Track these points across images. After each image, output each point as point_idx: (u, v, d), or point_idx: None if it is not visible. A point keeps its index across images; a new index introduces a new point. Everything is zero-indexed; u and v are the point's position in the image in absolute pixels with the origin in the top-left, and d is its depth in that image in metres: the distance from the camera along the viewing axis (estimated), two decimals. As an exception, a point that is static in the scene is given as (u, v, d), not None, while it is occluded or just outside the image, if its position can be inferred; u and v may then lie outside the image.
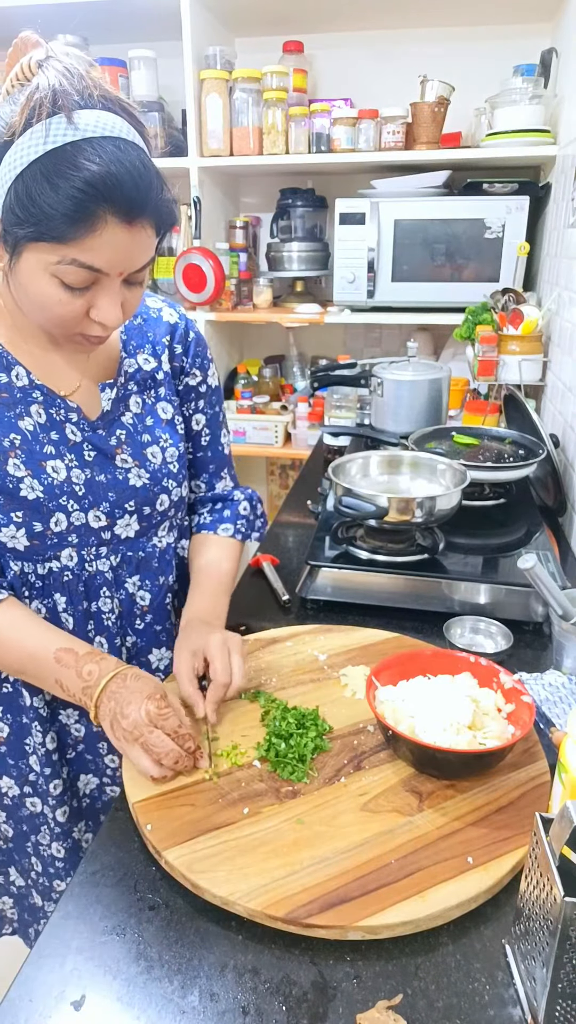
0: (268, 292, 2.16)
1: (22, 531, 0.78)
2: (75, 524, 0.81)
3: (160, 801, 0.68)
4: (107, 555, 0.85)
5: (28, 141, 0.62)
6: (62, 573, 0.83)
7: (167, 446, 0.88)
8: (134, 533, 0.86)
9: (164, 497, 0.87)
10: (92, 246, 0.64)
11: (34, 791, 0.90)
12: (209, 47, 1.91)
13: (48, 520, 0.79)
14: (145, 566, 0.89)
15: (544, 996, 0.49)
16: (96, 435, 0.82)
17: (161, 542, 0.90)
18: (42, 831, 0.92)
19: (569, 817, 0.47)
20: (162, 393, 0.89)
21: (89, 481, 0.81)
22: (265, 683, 0.85)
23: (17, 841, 0.94)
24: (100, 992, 0.53)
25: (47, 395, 0.79)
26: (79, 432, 0.81)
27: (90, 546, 0.83)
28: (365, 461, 1.20)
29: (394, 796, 0.68)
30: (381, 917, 0.56)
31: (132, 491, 0.84)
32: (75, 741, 0.90)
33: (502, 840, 0.63)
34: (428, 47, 2.01)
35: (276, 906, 0.57)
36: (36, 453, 0.78)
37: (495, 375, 1.59)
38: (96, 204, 0.62)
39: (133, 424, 0.85)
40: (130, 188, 0.63)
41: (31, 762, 0.88)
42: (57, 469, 0.79)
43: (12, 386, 0.78)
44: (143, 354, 0.87)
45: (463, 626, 0.96)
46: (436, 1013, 0.51)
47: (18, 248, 0.65)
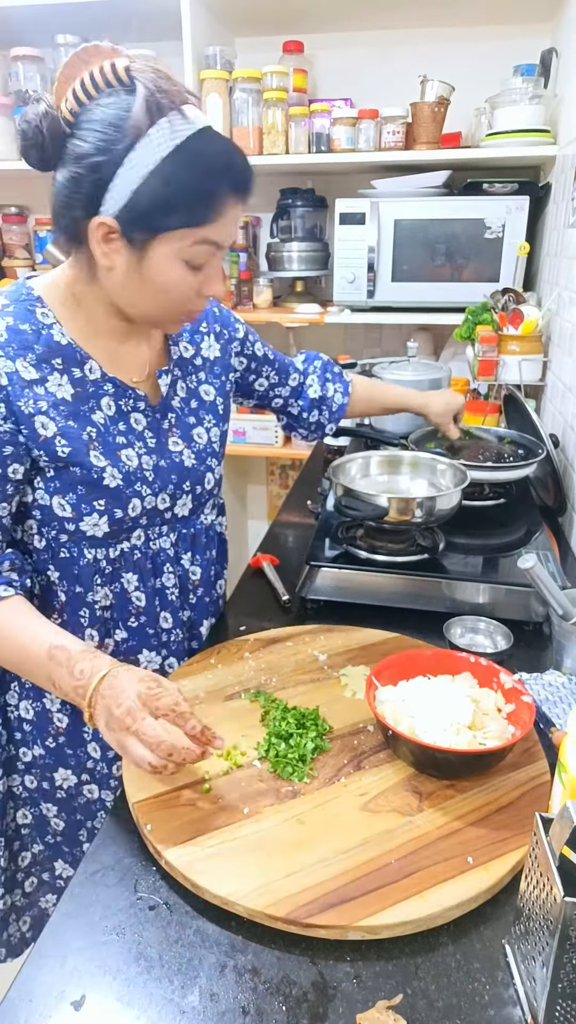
0: (268, 292, 2.16)
1: (104, 518, 0.82)
2: (147, 508, 0.86)
3: (160, 801, 0.68)
4: (168, 533, 0.91)
5: (156, 139, 0.68)
6: (132, 553, 0.88)
7: (211, 426, 0.94)
8: (188, 512, 0.92)
9: (209, 476, 0.93)
10: (221, 224, 0.72)
11: (92, 778, 0.93)
12: (209, 47, 1.91)
13: (127, 506, 0.84)
14: (196, 542, 0.95)
15: (544, 996, 0.49)
16: (155, 419, 0.88)
17: (207, 519, 0.97)
18: (98, 816, 0.94)
19: (569, 817, 0.47)
20: (203, 377, 0.95)
21: (155, 466, 0.87)
22: (265, 683, 0.85)
23: (69, 831, 0.96)
24: (100, 992, 0.53)
25: (118, 386, 0.84)
26: (143, 419, 0.86)
27: (155, 526, 0.89)
28: (365, 461, 1.20)
29: (394, 796, 0.68)
30: (381, 917, 0.56)
31: (186, 472, 0.90)
32: None
33: (502, 840, 0.63)
34: (428, 47, 2.01)
35: (276, 906, 0.57)
36: (111, 444, 0.83)
37: (495, 375, 1.59)
38: (225, 187, 0.71)
39: (180, 408, 0.91)
40: (244, 168, 0.73)
41: (89, 750, 0.91)
42: (130, 457, 0.84)
43: (85, 380, 0.82)
44: (183, 342, 0.94)
45: (463, 626, 0.97)
46: (436, 1013, 0.51)
47: (145, 242, 0.71)
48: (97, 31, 1.99)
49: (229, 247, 0.79)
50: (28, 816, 0.97)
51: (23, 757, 0.93)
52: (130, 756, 0.65)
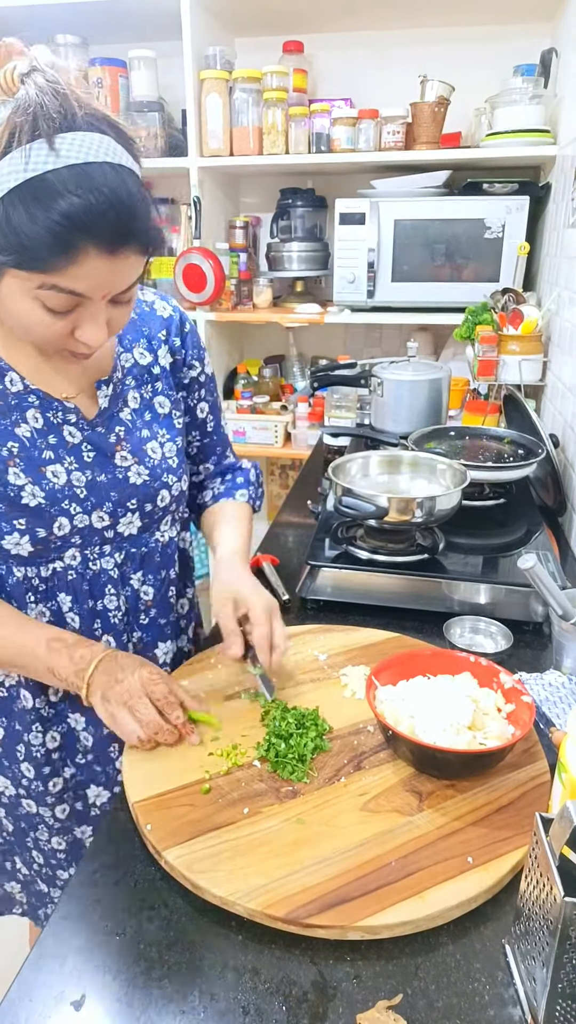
0: (268, 292, 2.16)
1: (26, 538, 0.78)
2: (78, 526, 0.81)
3: (160, 801, 0.68)
4: (111, 553, 0.85)
5: (7, 167, 0.60)
6: (66, 573, 0.83)
7: (165, 441, 0.88)
8: (136, 530, 0.87)
9: (165, 492, 0.87)
10: (74, 275, 0.63)
11: (28, 794, 0.90)
12: (209, 47, 1.91)
13: (51, 525, 0.79)
14: (148, 561, 0.89)
15: (544, 996, 0.49)
16: (95, 433, 0.82)
17: (164, 536, 0.91)
18: (40, 828, 0.92)
19: (569, 817, 0.47)
20: (159, 388, 0.89)
21: (91, 483, 0.81)
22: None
23: (17, 836, 0.95)
24: (100, 992, 0.53)
25: (43, 399, 0.79)
26: (78, 432, 0.81)
27: (93, 545, 0.84)
28: (365, 461, 1.20)
29: (394, 796, 0.68)
30: (381, 917, 0.56)
31: (133, 489, 0.84)
32: (84, 749, 0.90)
33: (502, 840, 0.63)
34: (428, 47, 2.01)
35: (276, 906, 0.57)
36: (35, 459, 0.78)
37: (495, 375, 1.59)
38: (76, 237, 0.61)
39: (132, 420, 0.85)
40: (111, 220, 0.62)
41: (23, 768, 0.88)
42: (57, 473, 0.79)
43: (7, 392, 0.77)
44: (139, 348, 0.88)
45: (463, 626, 0.96)
46: (436, 1013, 0.51)
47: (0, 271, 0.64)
48: (97, 31, 2.00)
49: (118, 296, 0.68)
50: None
51: None
52: (119, 727, 0.73)
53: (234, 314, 2.10)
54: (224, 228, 2.18)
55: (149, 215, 0.66)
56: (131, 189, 0.63)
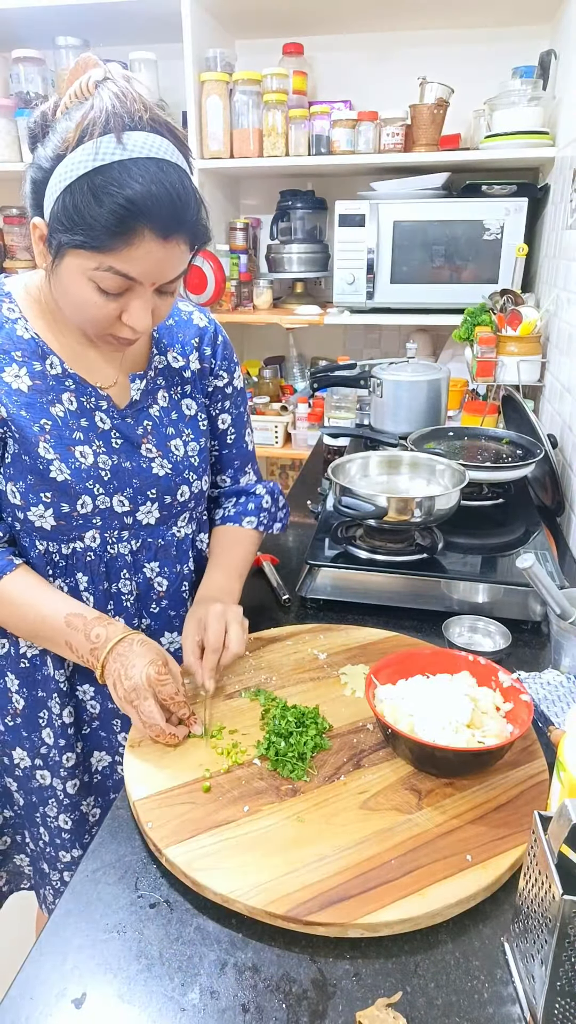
0: (268, 293, 2.16)
1: (50, 511, 0.82)
2: (100, 507, 0.85)
3: (161, 799, 0.68)
4: (128, 539, 0.89)
5: (79, 156, 0.67)
6: (85, 553, 0.87)
7: (189, 440, 0.92)
8: (155, 520, 0.90)
9: (185, 488, 0.91)
10: (129, 257, 0.69)
11: (45, 764, 0.93)
12: (209, 49, 1.92)
13: (75, 502, 0.83)
14: (164, 553, 0.93)
15: (543, 994, 0.49)
16: (124, 423, 0.86)
17: (180, 532, 0.94)
18: (50, 803, 0.95)
19: (567, 815, 0.48)
20: (188, 391, 0.93)
21: (116, 467, 0.85)
22: (265, 682, 0.85)
23: (27, 810, 0.97)
24: (101, 990, 0.53)
25: (79, 383, 0.83)
26: (108, 420, 0.85)
27: (113, 529, 0.87)
28: (364, 461, 1.21)
29: (393, 794, 0.68)
30: (381, 915, 0.56)
31: (155, 479, 0.88)
32: (91, 717, 0.93)
33: (501, 838, 0.63)
34: (427, 49, 2.02)
35: (276, 904, 0.57)
36: (65, 438, 0.82)
37: (494, 376, 1.60)
38: (135, 220, 0.67)
39: (159, 416, 0.90)
40: (168, 207, 0.68)
41: (44, 735, 0.92)
42: (85, 454, 0.83)
43: (46, 374, 0.82)
44: (172, 352, 0.93)
45: (461, 625, 0.97)
46: (435, 1011, 0.52)
47: (61, 252, 0.71)
48: (98, 33, 2.00)
49: (164, 286, 0.74)
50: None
51: None
52: (131, 716, 0.76)
53: (234, 315, 2.10)
54: (224, 230, 2.18)
55: (200, 211, 0.73)
56: (187, 185, 0.71)
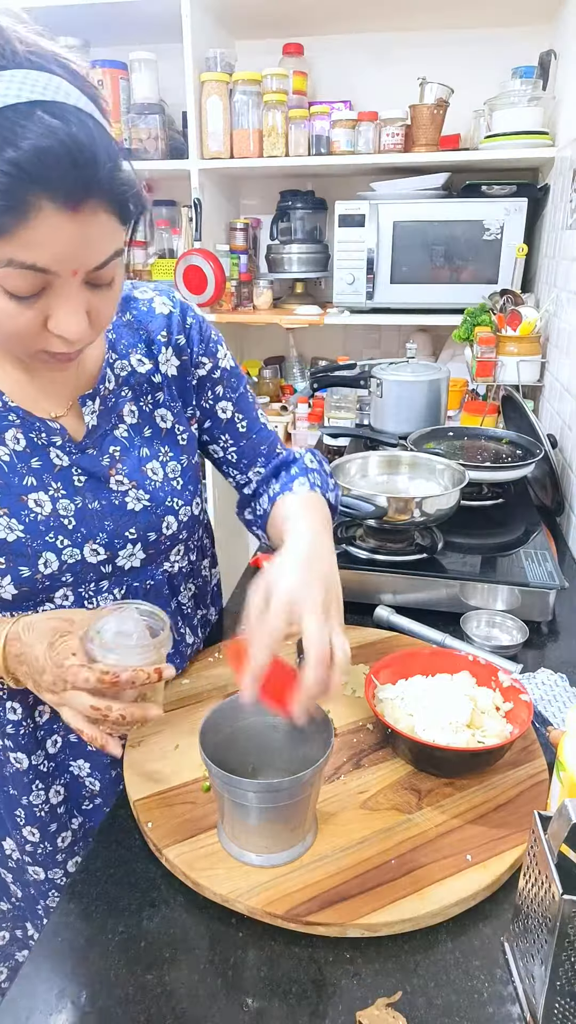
0: (268, 294, 2.16)
1: (7, 578, 0.68)
2: (68, 562, 0.71)
3: (161, 799, 0.68)
4: (109, 588, 0.75)
5: None
6: None
7: (167, 460, 0.77)
8: (139, 563, 0.76)
9: (170, 519, 0.76)
10: (29, 240, 0.52)
11: (34, 860, 0.82)
12: (209, 49, 1.92)
13: (35, 563, 0.69)
14: (156, 593, 0.79)
15: (543, 993, 0.49)
16: (85, 456, 0.72)
17: (174, 567, 0.81)
18: (50, 895, 0.85)
19: (567, 815, 0.48)
20: (160, 399, 0.78)
21: (80, 511, 0.71)
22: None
23: (27, 902, 0.88)
24: (101, 990, 0.53)
25: (24, 418, 0.69)
26: (65, 456, 0.71)
27: (88, 583, 0.73)
28: (364, 461, 1.21)
29: (393, 794, 0.68)
30: (380, 915, 0.56)
31: (131, 517, 0.74)
32: (91, 794, 0.83)
33: (500, 838, 0.63)
34: (427, 49, 2.02)
35: (276, 904, 0.57)
36: (14, 487, 0.68)
37: (493, 376, 1.60)
38: (24, 188, 0.50)
39: (128, 437, 0.75)
40: (66, 165, 0.50)
41: (26, 834, 0.81)
42: (40, 502, 0.69)
43: None
44: (136, 354, 0.76)
45: (479, 619, 0.97)
46: (435, 1010, 0.52)
47: None
48: (98, 34, 2.00)
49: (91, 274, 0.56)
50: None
51: None
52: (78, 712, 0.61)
53: (234, 315, 2.10)
54: (224, 230, 2.18)
55: (118, 166, 0.54)
56: (90, 132, 0.52)
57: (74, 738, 0.80)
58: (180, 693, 0.83)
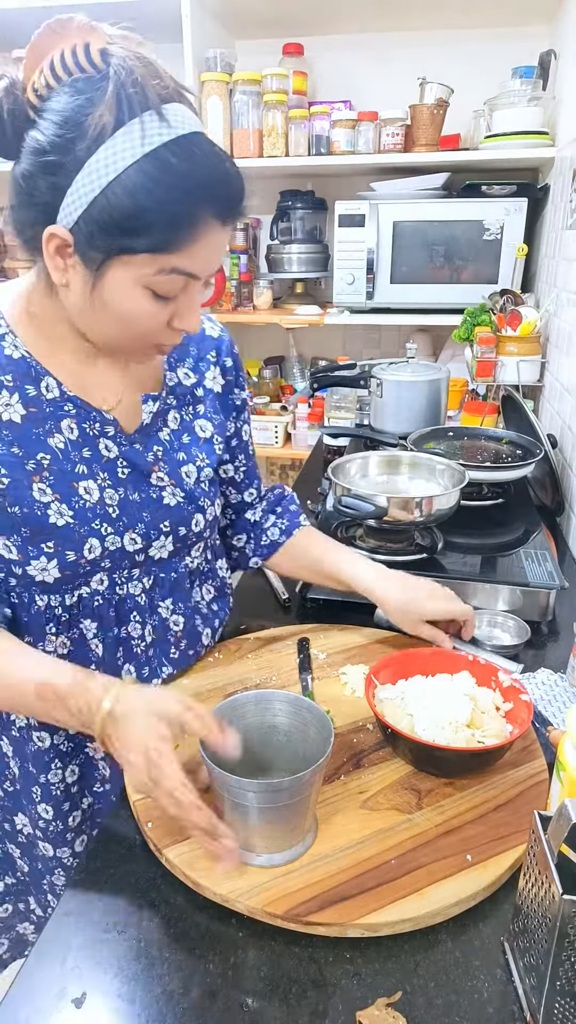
0: (268, 294, 2.16)
1: (53, 562, 0.71)
2: (109, 549, 0.74)
3: (160, 799, 0.68)
4: (140, 577, 0.79)
5: (122, 142, 0.57)
6: (92, 599, 0.76)
7: (203, 465, 0.82)
8: (168, 554, 0.80)
9: (199, 517, 0.81)
10: (194, 252, 0.61)
11: (45, 837, 0.84)
12: (209, 50, 1.92)
13: (81, 547, 0.72)
14: (178, 587, 0.83)
15: (543, 993, 0.49)
16: (132, 450, 0.76)
17: (193, 563, 0.85)
18: (56, 872, 0.87)
19: (567, 815, 0.48)
20: (201, 411, 0.83)
21: (123, 501, 0.75)
22: (265, 682, 0.85)
23: (33, 876, 0.90)
24: (101, 990, 0.53)
25: (80, 407, 0.73)
26: (115, 447, 0.75)
27: (123, 569, 0.77)
28: (364, 461, 1.21)
29: (393, 794, 0.68)
30: (380, 915, 0.56)
31: (166, 511, 0.78)
32: (103, 778, 0.84)
33: (501, 838, 0.63)
34: (427, 49, 2.02)
35: (276, 904, 0.57)
36: (67, 473, 0.72)
37: (493, 376, 1.60)
38: (200, 208, 0.59)
39: (169, 440, 0.80)
40: (227, 187, 0.61)
41: (39, 810, 0.82)
42: (90, 490, 0.73)
43: (41, 399, 0.71)
44: (183, 368, 0.83)
45: (480, 619, 0.97)
46: (435, 1010, 0.52)
47: (105, 262, 0.61)
48: (97, 33, 2.00)
49: (209, 277, 0.66)
50: (1, 849, 0.89)
51: None
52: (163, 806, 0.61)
53: (234, 315, 2.10)
54: (224, 229, 2.18)
55: (244, 183, 0.64)
56: (227, 158, 0.62)
57: None
58: (180, 693, 0.83)
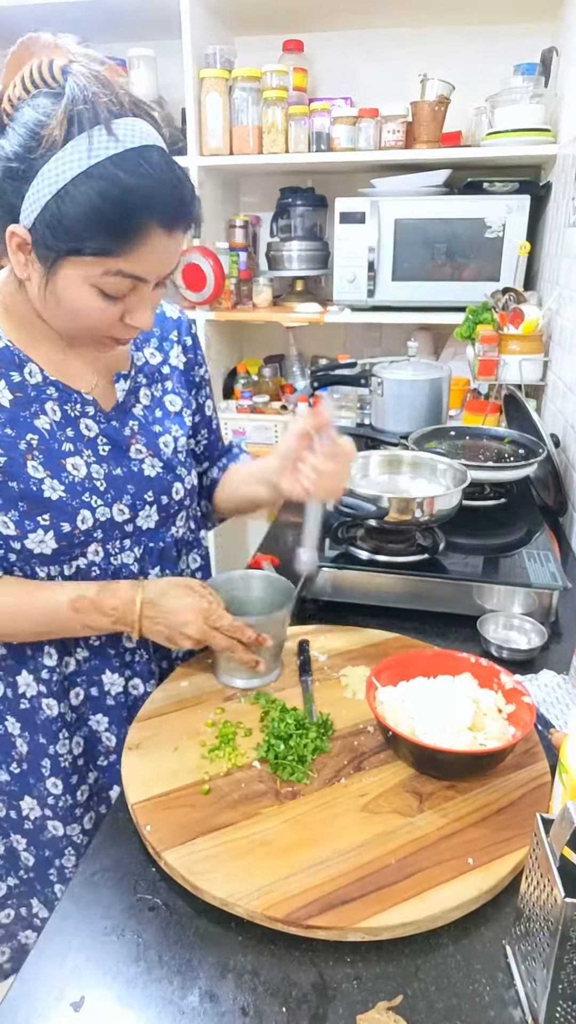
0: (268, 291, 2.16)
1: (50, 534, 0.77)
2: (100, 520, 0.81)
3: (159, 802, 0.67)
4: (131, 547, 0.86)
5: (69, 155, 0.62)
6: (89, 569, 0.83)
7: (178, 436, 0.89)
8: (154, 524, 0.87)
9: (179, 486, 0.88)
10: (139, 257, 0.66)
11: (55, 814, 0.88)
12: (209, 46, 1.91)
13: (75, 519, 0.79)
14: (166, 556, 0.90)
15: (544, 997, 0.49)
16: (110, 427, 0.83)
17: (179, 532, 0.92)
18: (66, 854, 0.90)
19: (569, 818, 0.47)
20: (169, 387, 0.90)
21: (109, 475, 0.82)
22: (266, 683, 0.85)
23: (38, 870, 0.92)
24: (99, 993, 0.53)
25: (62, 391, 0.79)
26: (94, 425, 0.82)
27: (114, 540, 0.84)
28: (365, 461, 1.20)
29: (394, 797, 0.68)
30: (382, 918, 0.56)
31: (148, 482, 0.85)
32: (107, 751, 0.89)
33: (503, 841, 0.63)
34: (428, 46, 2.01)
35: (276, 907, 0.56)
36: (55, 452, 0.78)
37: (495, 375, 1.59)
38: (143, 217, 0.64)
39: (144, 415, 0.87)
40: (173, 198, 0.66)
41: (48, 785, 0.86)
42: (77, 466, 0.79)
43: (26, 384, 0.77)
44: (149, 348, 0.89)
45: (496, 622, 0.96)
46: (436, 1014, 0.51)
47: (56, 262, 0.66)
48: (97, 30, 2.00)
49: (162, 279, 0.72)
50: (2, 845, 0.92)
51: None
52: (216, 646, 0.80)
53: (234, 313, 2.09)
54: (224, 227, 2.18)
55: (194, 193, 0.70)
56: (178, 168, 0.68)
57: (95, 692, 0.87)
58: (179, 695, 0.83)
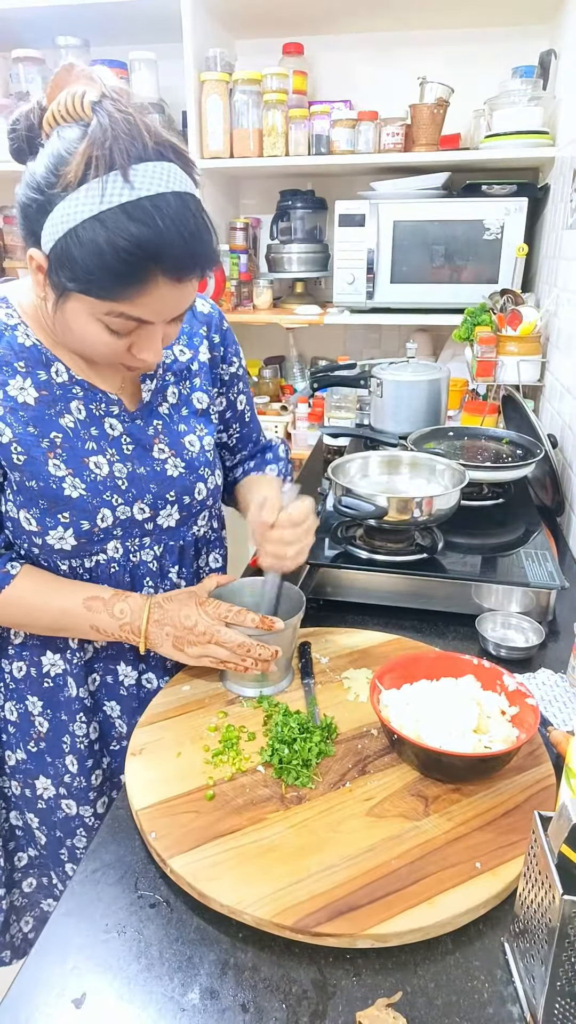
0: (268, 293, 2.16)
1: (70, 531, 0.79)
2: (120, 518, 0.82)
3: (164, 808, 0.67)
4: (151, 545, 0.87)
5: (83, 197, 0.62)
6: (108, 565, 0.84)
7: (203, 435, 0.89)
8: (175, 523, 0.88)
9: (201, 486, 0.89)
10: (141, 303, 0.66)
11: (69, 793, 0.90)
12: (209, 49, 1.91)
13: (94, 517, 0.80)
14: (185, 554, 0.91)
15: (543, 994, 0.49)
16: (135, 426, 0.84)
17: (200, 531, 0.93)
18: (78, 834, 0.91)
19: (567, 815, 0.48)
20: (197, 384, 0.90)
21: (131, 474, 0.83)
22: (277, 691, 0.84)
23: (51, 848, 0.93)
24: (100, 990, 0.53)
25: (88, 390, 0.80)
26: (119, 425, 0.83)
27: (134, 537, 0.85)
28: (364, 461, 1.21)
29: (400, 801, 0.67)
30: (390, 925, 0.55)
31: (171, 481, 0.86)
32: (119, 736, 0.91)
33: (510, 844, 0.62)
34: (427, 49, 2.02)
35: (284, 914, 0.56)
36: (78, 450, 0.79)
37: (494, 376, 1.60)
38: (147, 266, 0.63)
39: (169, 414, 0.87)
40: (182, 248, 0.64)
41: (67, 763, 0.89)
42: (99, 465, 0.81)
43: (52, 383, 0.78)
44: (179, 345, 0.89)
45: (494, 621, 0.97)
46: (435, 1011, 0.52)
47: (64, 294, 0.67)
48: (98, 33, 2.00)
49: (167, 320, 0.71)
50: (20, 819, 0.96)
51: (7, 760, 0.92)
52: (216, 657, 0.79)
53: (234, 315, 2.10)
54: (224, 229, 2.18)
55: (211, 239, 0.69)
56: (195, 216, 0.66)
57: (110, 680, 0.90)
58: (182, 699, 0.83)
